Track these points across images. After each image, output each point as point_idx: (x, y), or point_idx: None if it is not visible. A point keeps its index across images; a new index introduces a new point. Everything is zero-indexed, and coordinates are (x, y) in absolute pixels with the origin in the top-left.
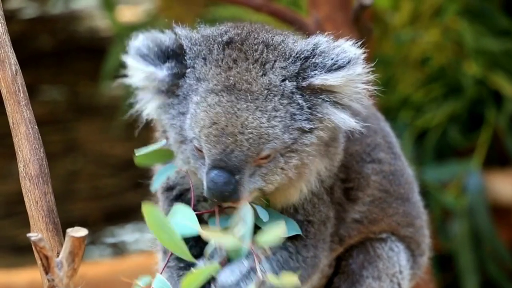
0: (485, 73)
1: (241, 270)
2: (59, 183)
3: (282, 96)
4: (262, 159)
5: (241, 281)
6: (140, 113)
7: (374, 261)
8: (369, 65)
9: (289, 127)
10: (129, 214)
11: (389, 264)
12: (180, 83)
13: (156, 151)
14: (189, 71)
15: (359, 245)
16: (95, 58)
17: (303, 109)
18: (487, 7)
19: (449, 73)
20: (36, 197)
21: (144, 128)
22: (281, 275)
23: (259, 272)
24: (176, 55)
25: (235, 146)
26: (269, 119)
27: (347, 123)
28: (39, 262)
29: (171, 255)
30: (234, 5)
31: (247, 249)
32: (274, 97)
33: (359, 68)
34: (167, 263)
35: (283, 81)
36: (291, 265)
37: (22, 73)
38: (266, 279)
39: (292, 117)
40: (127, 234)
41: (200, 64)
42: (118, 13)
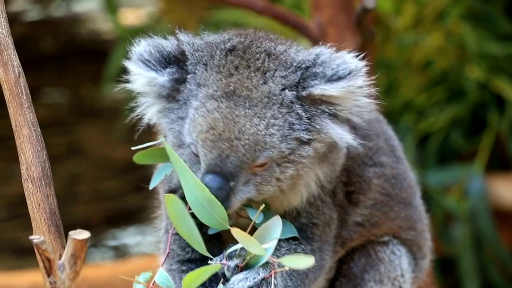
0: (488, 77)
1: (255, 278)
2: (61, 186)
3: (281, 105)
4: (257, 166)
5: None
6: (141, 117)
7: (375, 265)
8: (371, 78)
9: (287, 136)
10: (131, 216)
11: (390, 267)
12: (180, 88)
13: (154, 150)
14: (190, 76)
15: (361, 249)
16: (97, 61)
17: (302, 119)
18: (490, 11)
19: (451, 77)
20: (38, 199)
21: (145, 131)
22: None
23: (272, 286)
24: (177, 61)
25: (230, 151)
26: (267, 127)
27: (344, 138)
28: (41, 264)
29: (168, 254)
30: (236, 8)
31: (267, 260)
32: (273, 105)
33: (360, 80)
34: (165, 259)
35: (283, 90)
36: (300, 273)
37: (25, 76)
38: None
39: (290, 126)
40: (129, 236)
41: (201, 70)
42: (120, 16)
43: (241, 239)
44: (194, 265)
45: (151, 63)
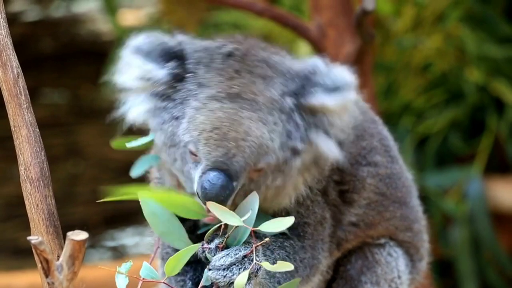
0: (487, 80)
1: (237, 255)
2: (60, 186)
3: (281, 112)
4: (255, 171)
5: (234, 265)
6: (124, 117)
7: (372, 267)
8: (360, 95)
9: (285, 144)
10: (129, 217)
11: (387, 269)
12: (178, 87)
13: (133, 138)
14: (190, 75)
15: (357, 251)
16: (97, 61)
17: (299, 128)
18: (490, 14)
19: (450, 80)
20: (36, 200)
21: (143, 132)
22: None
23: (254, 259)
24: (178, 58)
25: (237, 151)
26: (270, 132)
27: (333, 153)
28: (39, 265)
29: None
30: (236, 9)
31: (247, 236)
32: (274, 111)
33: (354, 94)
34: (155, 251)
35: (283, 97)
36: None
37: (24, 76)
38: (260, 268)
39: (288, 134)
40: (127, 237)
41: (202, 70)
42: (120, 16)
43: (218, 212)
44: (189, 268)
45: (151, 55)
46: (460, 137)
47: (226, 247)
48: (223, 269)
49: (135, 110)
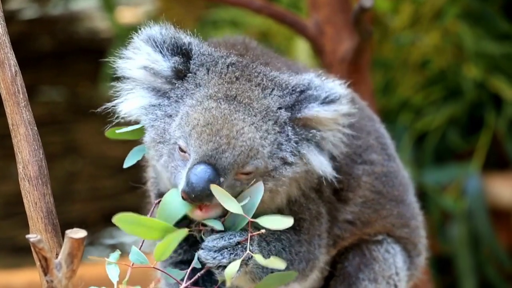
0: (485, 77)
1: (231, 240)
2: (58, 184)
3: (275, 123)
4: (243, 174)
5: (226, 249)
6: (116, 109)
7: (370, 264)
8: (353, 107)
9: (274, 154)
10: None
11: (385, 266)
12: (177, 84)
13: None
14: (190, 75)
15: (355, 248)
16: (95, 59)
17: (290, 142)
18: (487, 11)
19: (449, 76)
20: (35, 198)
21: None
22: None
23: (248, 248)
24: (184, 55)
25: (227, 147)
26: (262, 138)
27: (324, 168)
28: (38, 263)
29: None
30: (234, 7)
31: (244, 223)
32: (269, 120)
33: (346, 107)
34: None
35: (279, 109)
36: (283, 257)
37: (21, 74)
38: (251, 257)
39: (278, 146)
40: (125, 235)
41: (202, 72)
42: (118, 14)
43: (219, 196)
44: (186, 266)
45: (162, 46)
46: (458, 134)
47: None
48: (214, 251)
49: (130, 104)
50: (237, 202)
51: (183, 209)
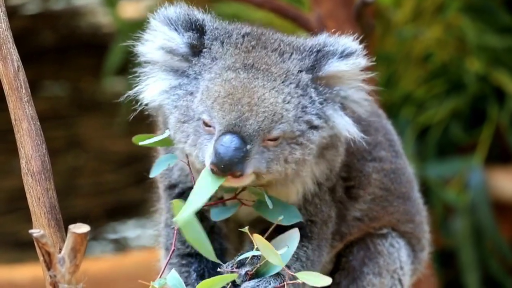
0: (488, 70)
1: (267, 287)
2: (61, 179)
3: (297, 86)
4: (270, 140)
5: None
6: (138, 96)
7: (374, 258)
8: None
9: (299, 118)
10: (131, 210)
11: (389, 260)
12: (193, 61)
13: (155, 135)
14: (205, 51)
15: (360, 242)
16: (97, 54)
17: (314, 104)
18: (490, 4)
19: (451, 70)
20: (38, 193)
21: (146, 125)
22: None
23: None
24: (198, 31)
25: (250, 114)
26: (284, 102)
27: (350, 129)
28: (41, 258)
29: (173, 252)
30: (236, 1)
31: (280, 269)
32: (290, 84)
33: (364, 60)
34: (170, 255)
35: (299, 72)
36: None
37: (24, 69)
38: None
39: (303, 109)
40: (129, 230)
41: (217, 45)
42: (120, 9)
43: (261, 246)
44: (193, 259)
45: (177, 23)
46: (461, 127)
47: (255, 273)
48: None
49: (151, 89)
50: (276, 251)
51: (216, 183)
